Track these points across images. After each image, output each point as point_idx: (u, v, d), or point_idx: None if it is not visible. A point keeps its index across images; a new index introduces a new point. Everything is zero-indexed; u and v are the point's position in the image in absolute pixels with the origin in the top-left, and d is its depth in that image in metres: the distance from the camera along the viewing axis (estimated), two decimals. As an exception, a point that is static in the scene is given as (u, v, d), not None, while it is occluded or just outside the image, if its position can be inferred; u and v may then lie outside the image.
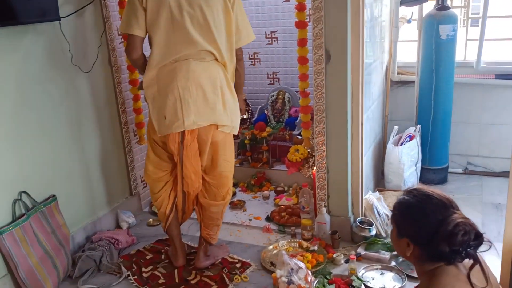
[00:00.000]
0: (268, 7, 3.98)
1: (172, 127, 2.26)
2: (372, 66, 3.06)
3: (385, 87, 3.63)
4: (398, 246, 1.39)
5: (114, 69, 3.02)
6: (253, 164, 3.71)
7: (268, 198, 3.43)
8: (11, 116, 2.36)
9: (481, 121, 3.64)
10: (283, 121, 3.92)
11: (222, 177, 2.47)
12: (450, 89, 3.40)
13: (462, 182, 3.57)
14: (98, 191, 2.99)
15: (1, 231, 2.26)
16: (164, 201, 2.52)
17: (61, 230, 2.58)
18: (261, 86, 4.22)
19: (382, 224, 2.75)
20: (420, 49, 3.45)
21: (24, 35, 2.40)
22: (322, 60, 2.52)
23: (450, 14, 3.27)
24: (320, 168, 2.71)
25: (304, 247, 2.67)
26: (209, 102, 2.27)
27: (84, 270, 2.58)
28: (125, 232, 2.94)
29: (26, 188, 2.45)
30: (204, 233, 2.56)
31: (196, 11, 2.21)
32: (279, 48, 4.06)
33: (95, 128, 2.92)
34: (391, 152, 3.30)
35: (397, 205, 1.38)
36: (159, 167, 2.48)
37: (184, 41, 2.23)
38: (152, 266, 2.63)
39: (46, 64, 2.54)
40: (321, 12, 2.45)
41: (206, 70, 2.27)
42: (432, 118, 3.43)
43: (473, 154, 3.72)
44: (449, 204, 1.29)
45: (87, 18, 2.80)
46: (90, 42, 2.83)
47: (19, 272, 2.29)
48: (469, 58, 3.66)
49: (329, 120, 2.61)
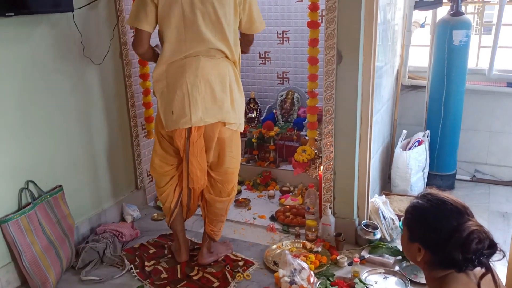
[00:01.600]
0: (281, 6, 3.98)
1: (179, 122, 2.26)
2: (383, 69, 3.04)
3: (395, 91, 3.61)
4: (409, 251, 1.36)
5: (125, 63, 3.03)
6: (259, 163, 3.71)
7: (273, 198, 3.43)
8: (21, 105, 2.38)
9: (491, 129, 3.61)
10: (291, 121, 3.91)
11: (228, 174, 2.47)
12: (461, 95, 3.38)
13: (470, 189, 3.54)
14: (104, 183, 3.00)
15: (6, 219, 2.27)
16: (169, 195, 2.52)
17: (66, 221, 2.59)
18: (271, 85, 4.23)
19: (387, 228, 2.74)
20: (432, 54, 3.42)
21: (37, 25, 2.41)
22: (333, 61, 2.51)
23: (464, 20, 3.24)
24: (327, 169, 2.70)
25: (308, 248, 2.66)
26: (217, 99, 2.27)
27: (87, 262, 2.59)
28: (129, 225, 2.95)
29: (33, 177, 2.46)
30: (208, 229, 2.56)
31: (208, 8, 2.20)
32: (290, 48, 4.06)
33: (104, 120, 2.93)
34: (399, 157, 3.29)
35: (410, 209, 1.35)
36: (165, 161, 2.48)
37: (195, 38, 2.23)
38: (155, 260, 2.64)
39: (57, 54, 2.55)
40: (335, 12, 2.44)
41: (216, 67, 2.27)
42: (441, 124, 3.41)
43: (482, 162, 3.69)
44: (464, 210, 1.26)
45: (101, 10, 2.81)
46: (102, 34, 2.84)
47: (23, 260, 2.30)
48: (481, 65, 3.64)
49: (337, 121, 2.60)
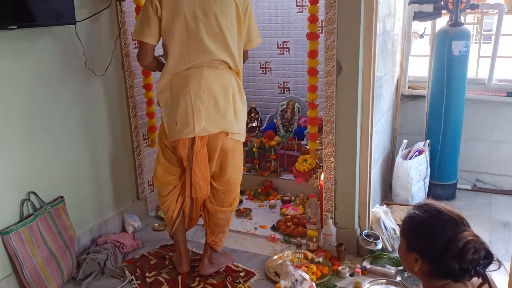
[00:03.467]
0: (281, 17, 4.02)
1: (183, 132, 2.27)
2: (383, 79, 3.06)
3: (395, 101, 3.63)
4: (406, 261, 1.37)
5: (127, 74, 3.05)
6: (260, 173, 3.71)
7: (274, 207, 3.43)
8: (23, 116, 2.39)
9: (491, 138, 3.62)
10: (292, 131, 3.92)
11: (230, 184, 2.47)
12: (461, 105, 3.39)
13: (471, 199, 3.54)
14: (106, 193, 3.01)
15: (8, 231, 2.28)
16: (171, 205, 2.53)
17: (67, 232, 2.59)
18: (271, 95, 4.25)
19: (388, 238, 2.73)
20: (432, 64, 3.44)
21: (39, 37, 2.43)
22: (333, 71, 2.52)
23: (463, 30, 3.27)
24: (327, 179, 2.70)
25: (309, 258, 2.66)
26: (220, 109, 2.28)
27: (88, 273, 2.58)
28: (130, 236, 2.95)
29: (35, 188, 2.47)
30: (210, 240, 2.56)
31: (211, 20, 2.22)
32: (290, 58, 4.09)
33: (106, 131, 2.95)
34: (399, 166, 3.29)
35: (407, 219, 1.37)
36: (168, 170, 2.49)
37: (198, 50, 2.25)
38: (156, 271, 2.63)
39: (60, 66, 2.57)
40: (334, 24, 2.46)
41: (219, 77, 2.29)
42: (442, 134, 3.42)
43: (482, 171, 3.69)
44: (460, 221, 1.28)
45: (103, 22, 2.83)
46: (105, 46, 2.87)
47: (24, 271, 2.30)
48: (481, 74, 3.65)
49: (338, 131, 2.61)
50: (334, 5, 2.43)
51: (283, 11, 4.00)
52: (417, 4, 3.31)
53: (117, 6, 2.91)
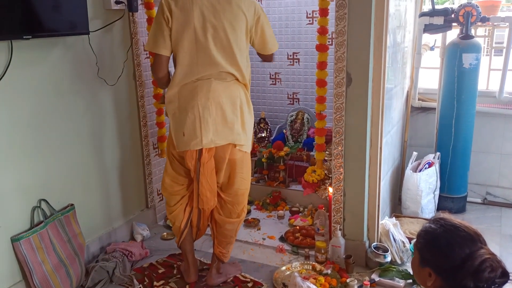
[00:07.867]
0: (292, 28, 4.04)
1: (190, 144, 2.28)
2: (393, 91, 3.06)
3: (405, 113, 3.62)
4: (419, 275, 1.35)
5: (138, 83, 3.08)
6: (269, 183, 3.71)
7: (282, 218, 3.42)
8: (35, 124, 2.42)
9: (502, 151, 3.59)
10: (301, 142, 3.92)
11: (238, 195, 2.48)
12: (472, 117, 3.37)
13: (481, 212, 3.51)
14: (115, 202, 3.03)
15: (18, 238, 2.30)
16: (179, 215, 2.53)
17: (77, 239, 2.61)
18: (281, 105, 4.26)
19: (397, 251, 2.71)
20: (442, 77, 3.44)
21: (53, 47, 2.48)
22: (343, 83, 2.53)
23: (474, 43, 3.26)
24: (336, 190, 2.70)
25: (318, 270, 2.65)
26: (228, 121, 2.29)
27: (96, 281, 2.59)
28: (139, 244, 2.96)
29: (46, 196, 2.50)
30: (217, 251, 2.56)
31: (220, 33, 2.24)
32: (300, 69, 4.11)
33: (116, 140, 2.97)
34: (409, 178, 3.27)
35: (422, 233, 1.34)
36: (176, 181, 2.50)
37: (207, 62, 2.27)
38: (164, 280, 2.63)
39: (72, 75, 2.61)
40: (344, 36, 2.47)
41: (227, 89, 2.30)
42: (452, 146, 3.40)
43: (493, 185, 3.66)
44: (476, 238, 1.25)
45: (115, 33, 2.87)
46: (117, 56, 2.90)
47: (34, 278, 2.32)
48: (491, 87, 3.64)
49: (347, 143, 2.61)
50: (345, 17, 2.45)
51: (293, 22, 4.02)
52: (427, 17, 3.32)
53: (129, 17, 2.96)
